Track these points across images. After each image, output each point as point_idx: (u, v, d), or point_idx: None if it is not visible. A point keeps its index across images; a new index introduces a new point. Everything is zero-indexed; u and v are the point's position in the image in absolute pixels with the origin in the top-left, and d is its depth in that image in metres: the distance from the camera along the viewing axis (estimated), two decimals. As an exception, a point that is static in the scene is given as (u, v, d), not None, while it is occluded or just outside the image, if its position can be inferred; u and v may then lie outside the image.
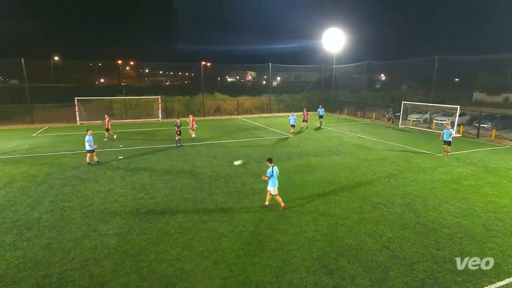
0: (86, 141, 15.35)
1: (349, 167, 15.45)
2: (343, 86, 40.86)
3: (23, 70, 30.21)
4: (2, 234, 8.68)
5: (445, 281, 6.82)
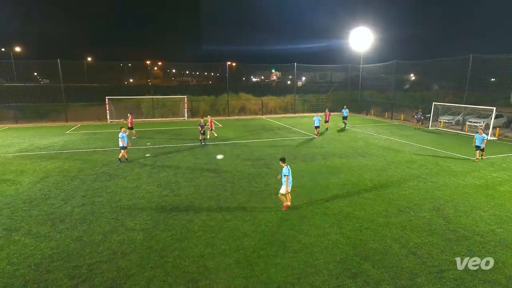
0: (119, 138, 15.94)
1: (375, 169, 15.06)
2: (370, 86, 39.87)
3: (59, 70, 31.80)
4: (38, 226, 9.19)
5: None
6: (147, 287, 6.54)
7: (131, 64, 55.12)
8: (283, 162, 10.06)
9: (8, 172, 14.30)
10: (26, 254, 7.70)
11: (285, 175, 9.85)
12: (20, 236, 8.59)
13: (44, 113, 32.36)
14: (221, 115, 37.16)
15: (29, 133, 24.85)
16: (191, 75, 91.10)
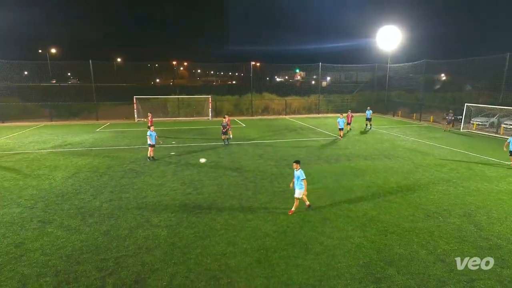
0: (147, 136, 16.40)
1: (402, 172, 14.60)
2: (398, 86, 38.66)
3: (91, 71, 33.17)
4: (69, 219, 9.63)
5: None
6: (170, 283, 6.69)
7: (158, 65, 56.60)
8: (299, 164, 9.78)
9: (43, 167, 15.09)
10: (58, 246, 8.10)
11: (303, 178, 9.60)
12: (53, 228, 9.04)
13: (77, 112, 33.90)
14: (244, 115, 37.36)
15: (63, 131, 26.11)
16: (215, 75, 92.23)
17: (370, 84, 44.06)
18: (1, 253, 7.75)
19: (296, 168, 9.70)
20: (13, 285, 6.56)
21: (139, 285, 6.61)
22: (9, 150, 18.86)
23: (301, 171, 9.65)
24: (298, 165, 9.70)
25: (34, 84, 36.46)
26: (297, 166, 9.69)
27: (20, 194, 11.62)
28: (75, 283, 6.65)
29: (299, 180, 9.66)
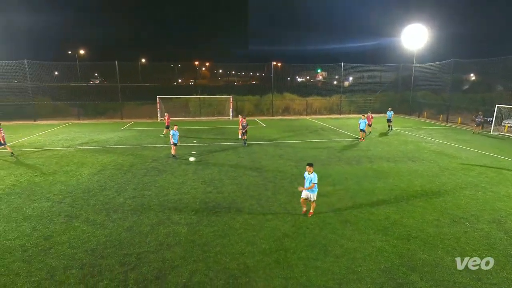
0: (170, 135, 16.74)
1: (427, 175, 14.14)
2: (424, 86, 37.42)
3: (116, 71, 34.21)
4: (95, 214, 9.98)
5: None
6: (190, 279, 6.79)
7: (180, 65, 57.64)
8: (312, 166, 9.44)
9: (71, 164, 15.71)
10: (83, 240, 8.41)
11: (315, 182, 9.29)
12: (79, 222, 9.40)
13: (103, 111, 35.09)
14: (265, 115, 37.37)
15: (89, 129, 27.09)
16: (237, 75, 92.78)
17: (394, 84, 42.94)
18: (32, 245, 8.14)
19: (309, 171, 9.39)
20: (42, 276, 6.87)
21: (159, 280, 6.76)
22: (40, 147, 19.78)
23: (314, 174, 9.36)
24: (311, 168, 9.41)
25: (63, 84, 38.06)
26: (311, 169, 9.39)
27: (50, 189, 12.16)
28: (99, 276, 6.88)
29: (310, 183, 9.35)
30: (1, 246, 8.08)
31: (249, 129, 20.73)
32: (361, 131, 21.98)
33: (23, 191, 12.00)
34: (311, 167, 9.39)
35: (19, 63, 32.35)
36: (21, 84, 33.54)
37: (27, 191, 11.94)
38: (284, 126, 29.46)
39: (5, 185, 12.63)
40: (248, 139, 20.84)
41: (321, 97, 41.12)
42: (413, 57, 37.22)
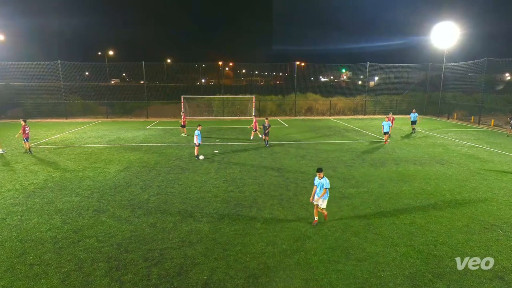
0: (194, 135, 16.60)
1: (456, 179, 13.57)
2: (454, 87, 35.92)
3: (143, 71, 35.19)
4: (121, 210, 10.32)
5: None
6: (210, 277, 6.88)
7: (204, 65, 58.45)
8: (322, 172, 8.92)
9: (99, 161, 16.33)
10: (110, 234, 8.71)
11: (326, 187, 8.83)
12: (106, 217, 9.75)
13: (129, 110, 36.24)
14: (287, 115, 37.20)
15: (117, 127, 28.02)
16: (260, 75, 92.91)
17: (422, 84, 41.51)
18: (62, 237, 8.53)
19: (320, 176, 8.89)
20: (71, 267, 7.18)
21: (181, 276, 6.89)
22: (71, 144, 20.68)
23: (326, 179, 8.90)
24: (322, 173, 8.91)
25: (93, 84, 39.64)
26: (321, 174, 8.89)
27: (79, 185, 12.70)
28: (123, 270, 7.11)
29: (322, 189, 8.88)
30: (35, 237, 8.52)
31: (271, 129, 20.68)
32: (385, 134, 20.93)
33: (55, 185, 12.60)
34: (321, 173, 8.90)
35: (53, 63, 33.98)
36: (54, 83, 35.23)
37: (58, 186, 12.53)
38: (306, 126, 29.19)
39: (39, 179, 13.31)
40: (270, 139, 20.83)
41: (345, 97, 40.45)
42: (443, 56, 35.80)
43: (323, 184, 8.85)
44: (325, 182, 8.85)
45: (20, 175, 13.92)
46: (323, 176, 8.93)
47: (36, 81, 36.62)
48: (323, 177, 8.92)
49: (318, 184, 8.97)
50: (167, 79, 46.38)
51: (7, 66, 35.51)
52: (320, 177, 8.92)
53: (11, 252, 7.78)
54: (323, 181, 8.87)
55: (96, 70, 39.67)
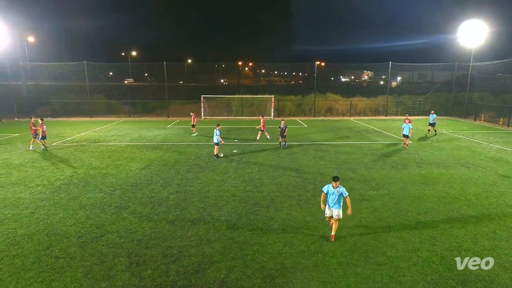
0: (216, 135, 16.54)
1: (482, 183, 13.04)
2: (482, 87, 34.48)
3: (164, 71, 35.87)
4: (141, 207, 10.56)
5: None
6: (228, 276, 6.93)
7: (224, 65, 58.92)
8: (338, 181, 8.17)
9: (121, 159, 16.78)
10: (131, 230, 8.94)
11: (346, 195, 8.15)
12: (127, 214, 10.01)
13: (151, 109, 37.06)
14: (306, 115, 36.91)
15: (138, 126, 28.71)
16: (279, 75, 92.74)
17: (447, 84, 40.13)
18: (86, 232, 8.82)
19: (335, 185, 8.13)
20: (94, 261, 7.42)
21: (199, 274, 6.98)
22: (95, 141, 21.37)
23: (343, 189, 8.22)
24: (338, 182, 8.17)
25: (117, 83, 40.78)
26: (337, 183, 8.15)
27: (102, 181, 13.09)
28: (143, 265, 7.27)
29: (341, 198, 8.22)
30: (60, 231, 8.86)
31: (289, 129, 20.60)
32: (404, 136, 19.67)
33: (79, 182, 13.05)
34: (337, 182, 8.14)
35: (79, 64, 35.22)
36: (80, 83, 36.53)
37: (83, 182, 12.97)
38: (326, 127, 28.86)
39: (65, 176, 13.83)
40: (288, 139, 20.71)
41: (366, 97, 39.68)
42: (470, 55, 34.47)
43: (342, 193, 8.14)
44: (343, 191, 8.17)
45: (48, 171, 14.51)
46: (338, 185, 8.19)
47: (63, 81, 38.10)
48: (339, 185, 8.18)
49: (333, 193, 8.17)
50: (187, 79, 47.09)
51: (37, 67, 37.17)
52: (336, 186, 8.14)
53: (38, 245, 8.13)
54: (341, 189, 8.16)
55: (120, 70, 40.81)
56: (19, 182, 12.97)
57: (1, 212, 10.03)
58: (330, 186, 8.25)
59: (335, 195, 8.19)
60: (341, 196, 8.21)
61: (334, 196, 8.21)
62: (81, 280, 6.74)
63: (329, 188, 8.28)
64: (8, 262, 7.38)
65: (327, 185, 8.40)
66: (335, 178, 8.22)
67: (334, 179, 8.22)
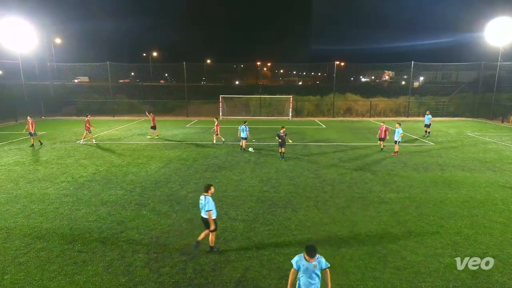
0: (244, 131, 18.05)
1: (510, 187, 12.48)
2: (510, 87, 33.00)
3: (184, 72, 36.40)
4: (160, 204, 10.76)
5: None
6: (244, 275, 6.95)
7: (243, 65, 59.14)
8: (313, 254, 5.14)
9: (141, 157, 17.16)
10: (150, 227, 9.12)
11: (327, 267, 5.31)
12: (146, 211, 10.23)
13: (171, 108, 37.70)
14: (325, 115, 36.51)
15: (158, 125, 29.07)
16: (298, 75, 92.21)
17: (473, 85, 38.67)
18: (107, 228, 9.08)
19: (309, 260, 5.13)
20: (114, 257, 7.63)
21: (215, 272, 7.03)
22: (117, 140, 21.95)
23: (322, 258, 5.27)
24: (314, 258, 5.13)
25: (138, 84, 41.75)
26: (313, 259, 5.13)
27: (124, 179, 13.43)
28: (161, 262, 7.41)
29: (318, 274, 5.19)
30: (83, 226, 9.16)
31: (307, 129, 20.38)
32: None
33: (101, 179, 13.44)
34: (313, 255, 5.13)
35: (103, 64, 36.28)
36: (103, 83, 37.64)
37: (104, 179, 13.36)
38: (345, 127, 28.44)
39: (88, 173, 14.28)
40: (307, 140, 20.53)
41: (387, 98, 38.85)
42: (498, 55, 33.06)
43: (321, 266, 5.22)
44: (323, 262, 5.26)
45: (72, 168, 15.03)
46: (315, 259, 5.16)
47: (87, 81, 39.36)
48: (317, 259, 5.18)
49: (306, 269, 5.15)
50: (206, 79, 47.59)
51: (63, 67, 38.60)
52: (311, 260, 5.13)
53: (62, 239, 8.43)
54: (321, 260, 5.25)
55: (141, 71, 41.76)
56: (45, 178, 13.50)
57: (29, 207, 10.48)
58: (303, 258, 5.21)
59: (309, 273, 5.14)
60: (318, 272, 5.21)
61: (308, 273, 5.13)
62: (102, 275, 6.94)
63: (301, 261, 5.21)
64: (34, 255, 7.70)
65: (297, 256, 5.32)
66: (310, 249, 5.15)
67: (307, 250, 5.16)
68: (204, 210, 7.51)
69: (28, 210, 10.25)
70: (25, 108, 32.18)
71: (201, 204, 7.57)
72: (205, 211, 7.47)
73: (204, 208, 7.49)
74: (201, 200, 7.57)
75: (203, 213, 7.61)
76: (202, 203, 7.52)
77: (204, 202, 7.48)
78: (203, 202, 7.50)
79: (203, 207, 7.52)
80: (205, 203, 7.45)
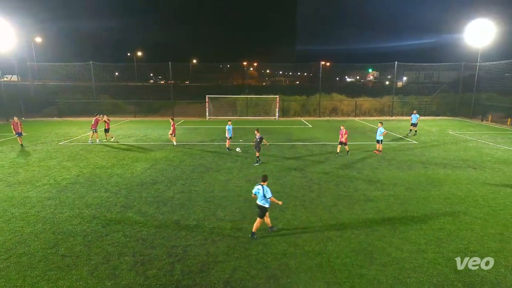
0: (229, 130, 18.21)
1: (489, 184, 12.90)
2: (489, 87, 34.10)
3: (170, 71, 36.02)
4: (146, 206, 10.61)
5: None
6: (232, 275, 6.93)
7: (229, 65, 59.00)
8: None
9: (127, 158, 16.88)
10: (136, 229, 8.99)
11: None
12: (132, 213, 10.07)
13: (156, 109, 37.22)
14: (311, 115, 36.82)
15: (144, 126, 28.85)
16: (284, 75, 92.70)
17: (453, 85, 39.78)
18: (91, 231, 8.89)
19: None
20: (99, 260, 7.48)
21: (203, 274, 6.99)
22: (101, 141, 21.50)
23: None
24: None
25: (122, 84, 41.05)
26: None
27: (108, 181, 13.19)
28: (148, 264, 7.31)
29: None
30: (66, 230, 8.94)
31: (294, 129, 20.50)
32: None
33: (85, 181, 13.16)
34: None
35: (86, 64, 35.51)
36: (86, 83, 36.83)
37: (89, 182, 13.08)
38: (330, 127, 28.75)
39: (71, 175, 13.95)
40: (293, 139, 20.65)
41: (372, 98, 39.50)
42: (477, 55, 34.12)
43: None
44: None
45: (54, 170, 14.65)
46: None
47: (69, 81, 38.44)
48: None
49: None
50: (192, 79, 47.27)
51: (44, 67, 37.55)
52: None
53: (45, 243, 8.21)
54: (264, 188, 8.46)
55: (125, 70, 41.08)
56: (26, 181, 13.12)
57: (9, 211, 10.16)
58: None
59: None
60: None
61: None
62: (86, 279, 6.79)
63: None
64: (15, 260, 7.47)
65: None
66: None
67: None
68: (263, 198, 8.39)
69: (8, 214, 9.94)
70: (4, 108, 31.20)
71: (258, 192, 8.44)
72: (268, 198, 8.37)
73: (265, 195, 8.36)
74: (259, 189, 8.44)
75: (260, 201, 8.45)
76: (260, 192, 8.40)
77: (263, 192, 8.36)
78: (261, 191, 8.38)
79: (262, 195, 8.38)
80: (265, 192, 8.35)
